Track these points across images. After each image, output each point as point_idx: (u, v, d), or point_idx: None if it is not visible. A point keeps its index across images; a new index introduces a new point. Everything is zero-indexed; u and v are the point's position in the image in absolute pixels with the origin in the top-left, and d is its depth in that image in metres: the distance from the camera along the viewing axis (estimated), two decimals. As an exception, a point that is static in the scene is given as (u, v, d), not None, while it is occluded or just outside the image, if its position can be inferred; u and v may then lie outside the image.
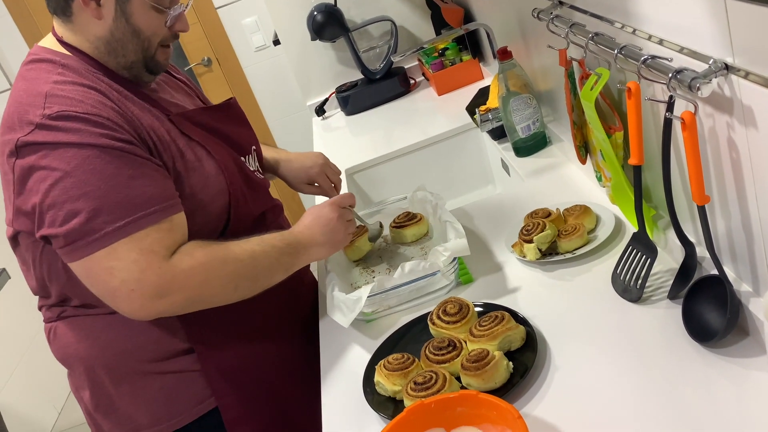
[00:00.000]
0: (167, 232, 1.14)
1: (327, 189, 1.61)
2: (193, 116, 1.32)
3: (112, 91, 1.20)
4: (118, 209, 1.10)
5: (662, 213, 1.23)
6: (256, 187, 1.39)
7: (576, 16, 1.25)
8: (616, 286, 1.18)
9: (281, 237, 1.28)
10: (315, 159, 1.62)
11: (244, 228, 1.33)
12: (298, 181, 1.61)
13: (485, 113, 1.86)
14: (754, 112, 0.81)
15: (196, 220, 1.23)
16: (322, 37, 2.51)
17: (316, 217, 1.32)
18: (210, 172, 1.26)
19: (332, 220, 1.32)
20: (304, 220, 1.33)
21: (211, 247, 1.19)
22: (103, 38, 1.21)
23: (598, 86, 1.17)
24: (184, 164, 1.23)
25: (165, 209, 1.15)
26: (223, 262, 1.18)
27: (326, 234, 1.31)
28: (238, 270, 1.19)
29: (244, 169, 1.37)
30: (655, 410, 0.94)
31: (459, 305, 1.20)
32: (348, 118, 2.56)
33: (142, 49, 1.23)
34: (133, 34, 1.21)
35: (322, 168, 1.60)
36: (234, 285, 1.20)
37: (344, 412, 1.15)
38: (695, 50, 0.89)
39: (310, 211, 1.34)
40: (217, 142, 1.32)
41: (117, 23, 1.19)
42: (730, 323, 0.96)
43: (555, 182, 1.60)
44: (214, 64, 3.84)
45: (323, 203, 1.35)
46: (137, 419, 1.32)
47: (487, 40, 2.19)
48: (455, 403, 1.00)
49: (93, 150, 1.10)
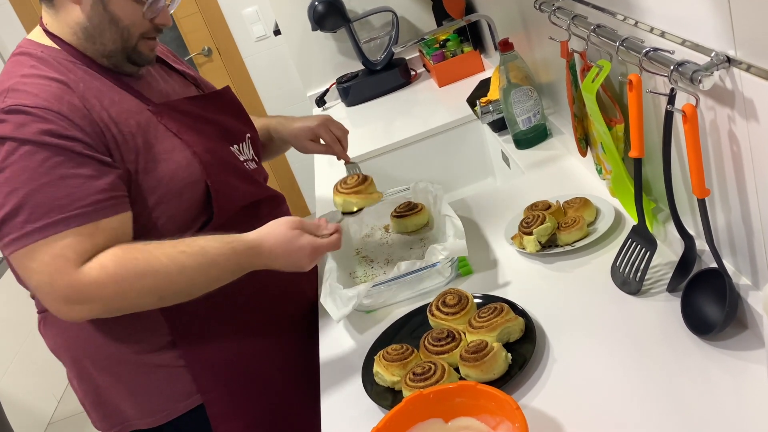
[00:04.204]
0: (87, 237, 1.09)
1: (330, 142, 1.55)
2: (178, 106, 1.30)
3: (86, 79, 1.19)
4: (39, 209, 1.08)
5: (662, 206, 1.23)
6: (244, 176, 1.35)
7: (578, 7, 1.24)
8: (616, 278, 1.18)
9: (231, 257, 1.16)
10: (315, 118, 1.57)
11: (234, 218, 1.29)
12: (301, 137, 1.57)
13: (486, 105, 1.86)
14: (755, 105, 0.81)
15: (164, 210, 1.22)
16: (323, 27, 2.50)
17: (288, 253, 1.18)
18: (180, 162, 1.23)
19: (303, 266, 1.20)
20: (275, 245, 1.18)
21: (130, 256, 1.11)
22: (81, 24, 1.20)
23: (599, 78, 1.17)
24: (150, 157, 1.20)
25: (90, 213, 1.10)
26: (139, 276, 1.11)
27: (288, 268, 1.20)
28: (159, 283, 1.12)
29: (231, 158, 1.34)
30: (653, 402, 0.94)
31: (458, 297, 1.21)
32: (348, 109, 2.56)
33: (121, 39, 1.21)
34: (111, 22, 1.19)
35: (325, 122, 1.55)
36: (157, 296, 1.15)
37: (343, 402, 1.16)
38: (697, 43, 0.89)
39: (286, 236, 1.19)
40: (201, 131, 1.30)
41: (94, 9, 1.18)
42: (728, 316, 0.97)
43: (555, 175, 1.59)
44: (215, 53, 3.83)
45: (301, 244, 1.19)
46: (124, 411, 1.32)
47: (488, 32, 2.18)
48: (454, 394, 1.00)
49: (30, 146, 1.09)
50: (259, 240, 1.18)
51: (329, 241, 1.22)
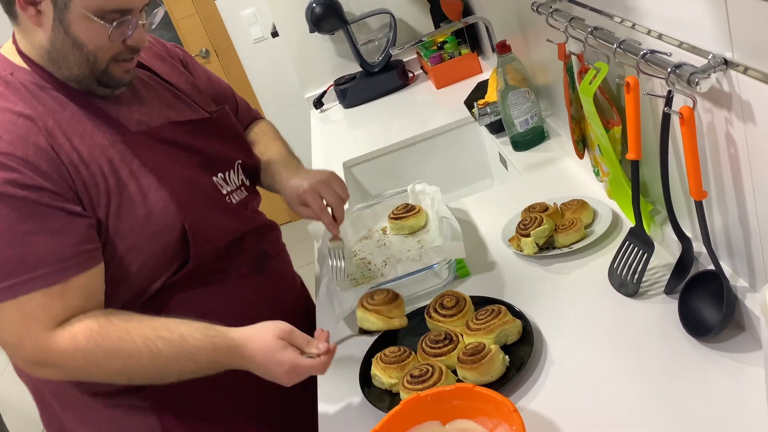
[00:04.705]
0: (57, 298, 1.03)
1: (318, 211, 1.32)
2: (157, 133, 1.19)
3: (56, 110, 1.10)
4: (4, 268, 1.02)
5: (659, 208, 1.23)
6: (227, 211, 1.25)
7: (575, 10, 1.24)
8: (613, 280, 1.18)
9: (210, 354, 1.06)
10: (313, 175, 1.34)
11: (211, 258, 1.22)
12: (292, 200, 1.35)
13: (483, 107, 1.86)
14: (752, 107, 0.81)
15: (136, 257, 1.13)
16: (321, 29, 2.50)
17: (267, 363, 1.06)
18: (154, 205, 1.13)
19: (281, 379, 1.07)
20: (256, 350, 1.06)
21: (104, 332, 1.04)
22: (44, 48, 1.09)
23: (596, 81, 1.17)
24: (124, 200, 1.11)
25: (58, 272, 1.03)
26: (108, 356, 1.04)
27: (266, 377, 1.08)
28: (128, 366, 1.06)
29: (213, 191, 1.24)
30: (651, 404, 0.94)
31: (456, 299, 1.21)
32: (346, 111, 2.56)
33: (87, 63, 1.10)
34: (75, 47, 1.08)
35: (315, 186, 1.31)
36: (126, 377, 1.09)
37: (340, 405, 1.15)
38: (694, 45, 0.89)
39: (268, 346, 1.06)
40: (182, 162, 1.20)
41: (56, 33, 1.07)
42: (726, 318, 0.97)
43: (553, 177, 1.59)
44: (212, 55, 3.83)
45: (280, 359, 1.05)
46: None
47: (486, 34, 2.18)
48: (451, 396, 1.00)
49: None
50: (243, 341, 1.07)
51: (311, 364, 1.05)
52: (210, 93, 1.38)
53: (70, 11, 1.04)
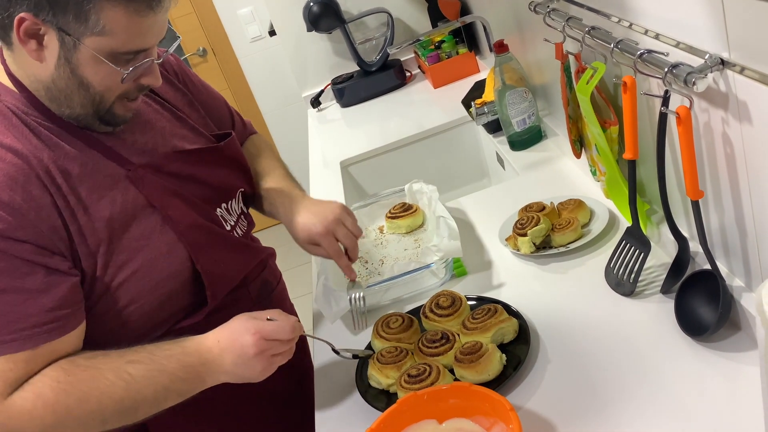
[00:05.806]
0: (22, 364, 0.94)
1: (334, 255, 1.24)
2: (163, 166, 1.11)
3: (51, 143, 1.00)
4: None
5: (656, 208, 1.24)
6: (234, 248, 1.18)
7: (572, 9, 1.25)
8: (610, 280, 1.18)
9: (180, 357, 1.01)
10: (324, 213, 1.23)
11: (225, 303, 1.16)
12: (300, 240, 1.26)
13: (481, 106, 1.86)
14: (749, 107, 0.82)
15: (136, 309, 1.06)
16: (318, 28, 2.50)
17: (233, 340, 1.01)
18: (159, 249, 1.06)
19: (249, 355, 1.00)
20: (221, 333, 1.03)
21: (73, 378, 0.96)
22: (43, 83, 0.99)
23: (593, 80, 1.17)
24: (125, 245, 1.04)
25: (29, 338, 0.94)
26: (82, 401, 0.96)
27: (237, 365, 1.01)
28: (103, 406, 0.97)
29: (219, 225, 1.17)
30: (647, 404, 0.94)
31: (452, 298, 1.21)
32: (343, 110, 2.56)
33: (92, 103, 1.01)
34: (81, 87, 0.98)
35: (329, 227, 1.22)
36: (101, 420, 0.98)
37: (337, 405, 1.15)
38: (691, 45, 0.89)
39: (231, 325, 1.03)
40: (188, 197, 1.12)
41: (60, 72, 0.97)
42: (722, 318, 0.97)
43: (550, 176, 1.60)
44: (210, 54, 3.82)
45: (246, 326, 1.02)
46: None
47: (483, 33, 2.19)
48: (448, 395, 1.00)
49: None
50: (209, 333, 1.03)
51: (275, 327, 1.01)
52: (207, 109, 1.30)
53: (80, 51, 0.95)
